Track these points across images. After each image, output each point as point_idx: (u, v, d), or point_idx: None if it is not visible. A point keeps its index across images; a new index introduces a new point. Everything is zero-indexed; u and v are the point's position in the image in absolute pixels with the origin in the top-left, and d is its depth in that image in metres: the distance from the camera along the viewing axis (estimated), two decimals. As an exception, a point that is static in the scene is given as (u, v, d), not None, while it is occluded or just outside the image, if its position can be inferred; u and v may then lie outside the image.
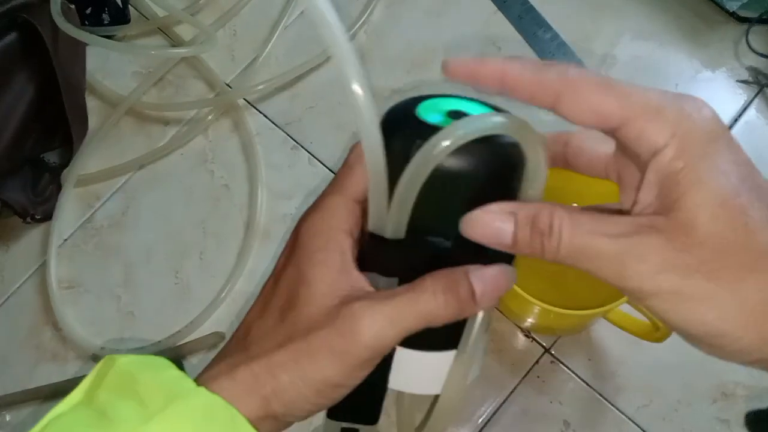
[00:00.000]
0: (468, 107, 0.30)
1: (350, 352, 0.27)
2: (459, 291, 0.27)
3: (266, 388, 0.27)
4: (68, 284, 0.63)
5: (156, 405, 0.26)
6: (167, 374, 0.28)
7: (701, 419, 0.55)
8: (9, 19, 0.59)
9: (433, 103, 0.30)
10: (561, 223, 0.25)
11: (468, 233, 0.26)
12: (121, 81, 0.69)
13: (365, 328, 0.26)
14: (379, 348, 0.27)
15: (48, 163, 0.65)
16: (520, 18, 0.67)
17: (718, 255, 0.23)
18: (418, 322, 0.27)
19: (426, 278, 0.27)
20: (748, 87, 0.64)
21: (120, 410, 0.26)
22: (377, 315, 0.27)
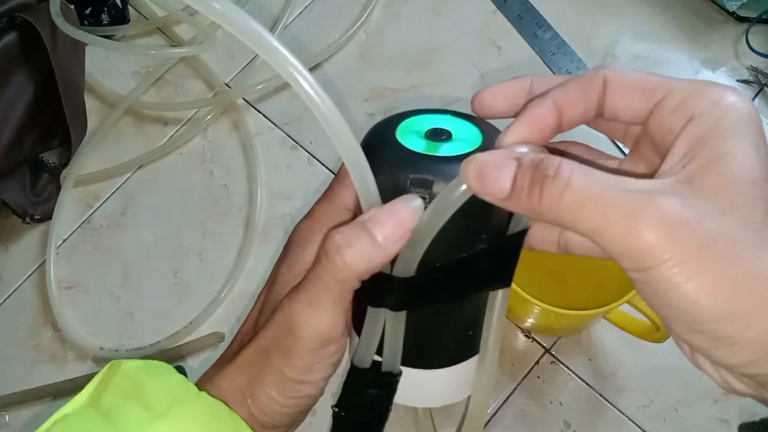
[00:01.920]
0: (446, 123, 0.29)
1: (293, 346, 0.27)
2: (361, 242, 0.25)
3: (244, 394, 0.28)
4: (67, 284, 0.62)
5: (160, 408, 0.26)
6: (171, 379, 0.28)
7: (701, 419, 0.55)
8: (8, 19, 0.59)
9: (410, 125, 0.29)
10: (571, 169, 0.22)
11: (463, 177, 0.24)
12: (120, 81, 0.69)
13: (297, 319, 0.26)
14: (320, 335, 0.27)
15: (47, 163, 0.65)
16: (520, 18, 0.67)
17: (740, 230, 0.21)
18: (336, 292, 0.26)
19: (322, 246, 0.26)
20: (748, 87, 0.64)
21: (125, 413, 0.27)
22: (296, 304, 0.27)
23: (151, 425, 0.26)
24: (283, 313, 0.27)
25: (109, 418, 0.27)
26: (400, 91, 0.66)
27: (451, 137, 0.28)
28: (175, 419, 0.26)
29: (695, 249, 0.21)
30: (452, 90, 0.65)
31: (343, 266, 0.25)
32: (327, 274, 0.26)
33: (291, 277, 0.29)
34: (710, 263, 0.21)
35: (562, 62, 0.65)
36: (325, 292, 0.26)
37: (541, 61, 0.66)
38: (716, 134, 0.22)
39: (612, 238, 0.21)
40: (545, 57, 0.66)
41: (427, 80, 0.66)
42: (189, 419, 0.26)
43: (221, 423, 0.27)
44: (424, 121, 0.29)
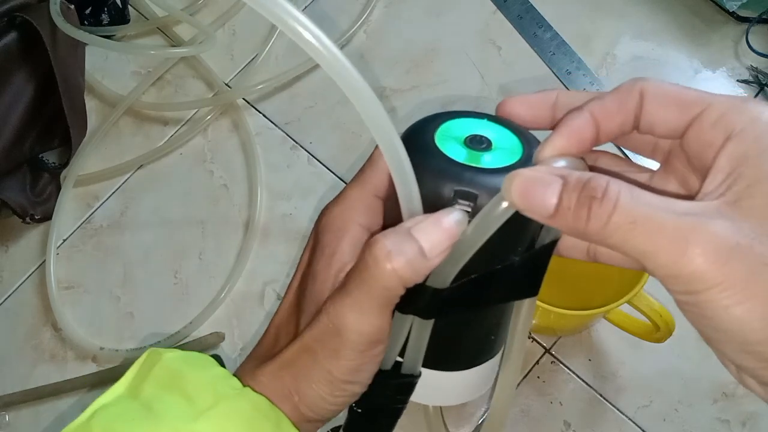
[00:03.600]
0: (484, 129, 0.29)
1: (340, 348, 0.27)
2: (404, 251, 0.25)
3: (290, 391, 0.28)
4: (67, 284, 0.62)
5: (203, 403, 0.26)
6: (213, 372, 0.28)
7: (701, 419, 0.55)
8: (8, 19, 0.59)
9: (448, 130, 0.29)
10: (619, 189, 0.21)
11: (507, 193, 0.23)
12: (120, 81, 0.69)
13: (344, 323, 0.26)
14: (367, 338, 0.27)
15: (47, 163, 0.65)
16: (520, 18, 0.67)
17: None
18: (381, 299, 0.26)
19: (364, 253, 0.26)
20: (748, 86, 0.64)
21: (167, 405, 0.26)
22: (343, 309, 0.26)
23: (195, 421, 0.26)
24: (328, 316, 0.27)
25: (150, 410, 0.27)
26: (400, 91, 0.66)
27: (491, 146, 0.28)
28: (219, 415, 0.26)
29: (746, 273, 0.20)
30: (452, 90, 0.65)
31: (392, 274, 0.25)
32: (375, 281, 0.25)
33: (331, 271, 0.28)
34: (761, 287, 0.20)
35: (562, 62, 0.65)
36: (373, 298, 0.26)
37: (541, 61, 0.66)
38: (759, 152, 0.22)
39: (661, 262, 0.21)
40: (545, 57, 0.66)
41: (427, 80, 0.66)
42: (233, 415, 0.26)
43: (264, 419, 0.27)
44: (461, 126, 0.29)
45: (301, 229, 0.62)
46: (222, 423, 0.26)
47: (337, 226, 0.29)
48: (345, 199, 0.29)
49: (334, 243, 0.28)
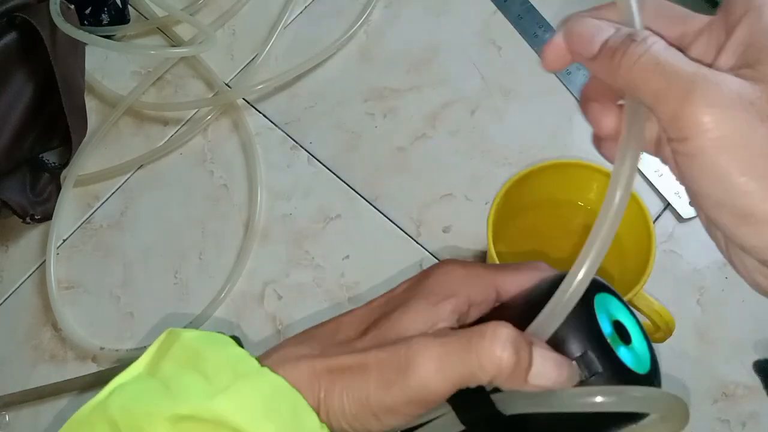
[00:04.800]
0: (624, 316, 0.29)
1: (395, 383, 0.26)
2: (519, 353, 0.25)
3: (319, 388, 0.27)
4: (67, 284, 0.62)
5: (222, 381, 0.26)
6: (232, 352, 0.28)
7: (702, 419, 0.55)
8: (8, 19, 0.59)
9: (605, 302, 0.29)
10: (656, 39, 0.23)
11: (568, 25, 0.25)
12: (120, 81, 0.69)
13: (418, 366, 0.26)
14: (425, 393, 0.26)
15: (47, 163, 0.65)
16: (520, 18, 0.67)
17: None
18: (466, 371, 0.26)
19: (487, 326, 0.26)
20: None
21: (185, 383, 0.26)
22: (427, 353, 0.26)
23: (212, 398, 0.26)
24: (409, 349, 0.26)
25: (168, 387, 0.27)
26: (400, 91, 0.66)
27: (630, 342, 0.28)
28: (236, 393, 0.26)
29: (741, 125, 0.21)
30: (452, 90, 0.65)
31: (495, 358, 0.25)
32: (475, 353, 0.25)
33: (424, 317, 0.28)
34: (753, 140, 0.21)
35: (562, 62, 0.65)
36: (461, 365, 0.26)
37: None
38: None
39: (668, 104, 0.22)
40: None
41: (427, 80, 0.66)
42: (251, 394, 0.26)
43: (282, 399, 0.27)
44: (613, 305, 0.29)
45: (301, 229, 0.62)
46: (239, 401, 0.26)
47: (452, 286, 0.29)
48: (472, 269, 0.29)
49: (442, 298, 0.28)
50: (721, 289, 0.57)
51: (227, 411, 0.26)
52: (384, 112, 0.65)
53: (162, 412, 0.26)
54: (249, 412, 0.26)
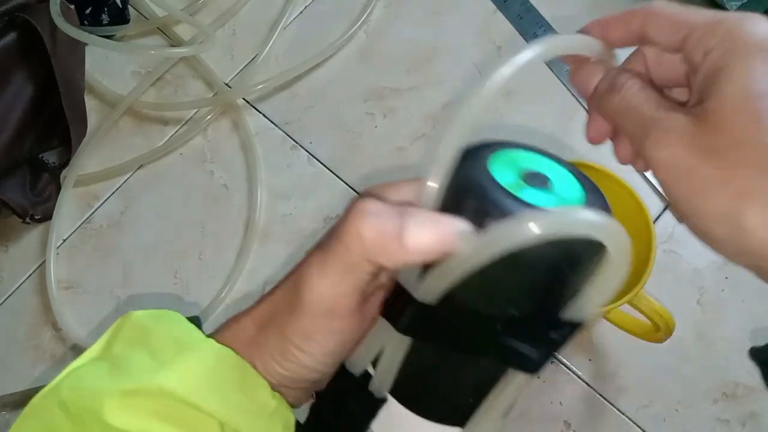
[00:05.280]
0: (544, 167, 0.27)
1: (296, 305, 0.26)
2: (381, 220, 0.24)
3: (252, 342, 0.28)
4: (67, 284, 0.62)
5: (166, 355, 0.26)
6: (179, 326, 0.28)
7: (702, 419, 0.55)
8: (8, 19, 0.59)
9: (506, 158, 0.27)
10: (632, 84, 0.28)
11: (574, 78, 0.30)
12: (120, 81, 0.69)
13: (305, 280, 0.26)
14: (322, 303, 0.26)
15: (47, 163, 0.65)
16: (520, 18, 0.67)
17: (731, 146, 0.24)
18: (343, 261, 0.25)
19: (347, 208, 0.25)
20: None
21: (132, 361, 0.27)
22: (311, 266, 0.26)
23: (157, 372, 0.26)
24: (298, 272, 0.27)
25: (116, 367, 0.27)
26: (400, 91, 0.66)
27: (548, 186, 0.26)
28: (181, 365, 0.26)
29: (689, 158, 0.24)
30: (452, 90, 0.65)
31: (357, 237, 0.24)
32: (341, 240, 0.25)
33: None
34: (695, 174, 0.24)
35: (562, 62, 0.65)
36: (336, 260, 0.25)
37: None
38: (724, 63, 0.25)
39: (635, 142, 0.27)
40: (545, 57, 0.66)
41: (427, 80, 0.66)
42: (195, 365, 0.26)
43: (228, 368, 0.27)
44: (520, 159, 0.27)
45: (302, 229, 0.62)
46: (184, 372, 0.26)
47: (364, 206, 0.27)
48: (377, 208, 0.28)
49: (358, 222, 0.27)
50: (721, 289, 0.57)
51: (171, 383, 0.26)
52: (384, 112, 0.65)
53: (108, 389, 0.26)
54: (193, 382, 0.26)
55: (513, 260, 0.23)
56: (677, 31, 0.27)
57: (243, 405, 0.27)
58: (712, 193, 0.24)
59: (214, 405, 0.26)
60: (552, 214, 0.23)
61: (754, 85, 0.24)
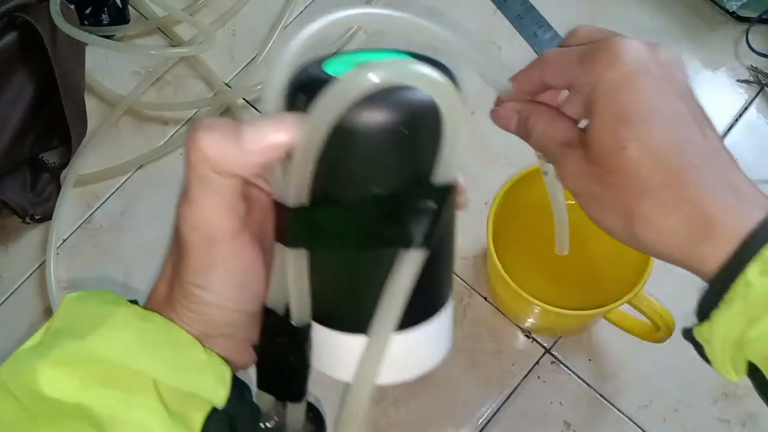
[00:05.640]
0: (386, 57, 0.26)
1: (181, 245, 0.27)
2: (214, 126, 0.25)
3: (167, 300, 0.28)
4: (67, 284, 0.62)
5: (92, 324, 0.26)
6: (104, 299, 0.28)
7: (702, 420, 0.55)
8: (8, 19, 0.59)
9: (345, 59, 0.27)
10: (538, 126, 0.32)
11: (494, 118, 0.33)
12: (120, 81, 0.69)
13: (179, 218, 0.27)
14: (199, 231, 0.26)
15: (47, 163, 0.65)
16: (520, 18, 0.67)
17: (608, 173, 0.28)
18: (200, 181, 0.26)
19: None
20: (748, 86, 0.64)
21: (61, 336, 0.27)
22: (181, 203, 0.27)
23: (84, 339, 0.26)
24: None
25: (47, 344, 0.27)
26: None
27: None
28: (106, 329, 0.26)
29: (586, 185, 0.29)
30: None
31: (198, 151, 0.24)
32: (188, 164, 0.25)
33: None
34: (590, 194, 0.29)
35: (562, 62, 0.65)
36: (193, 186, 0.26)
37: (541, 61, 0.66)
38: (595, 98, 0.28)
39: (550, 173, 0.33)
40: (545, 57, 0.66)
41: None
42: (120, 328, 0.26)
43: (153, 327, 0.27)
44: (358, 57, 0.27)
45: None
46: (110, 335, 0.26)
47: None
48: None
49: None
50: (721, 289, 0.57)
51: (99, 347, 0.26)
52: (384, 112, 0.65)
53: (39, 364, 0.26)
54: (120, 344, 0.26)
55: (354, 136, 0.24)
56: (564, 76, 0.30)
57: (173, 361, 0.27)
58: (610, 213, 0.29)
59: (144, 363, 0.26)
60: (374, 65, 0.23)
61: (617, 115, 0.27)
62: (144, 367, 0.26)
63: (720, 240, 0.26)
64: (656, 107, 0.27)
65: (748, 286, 0.26)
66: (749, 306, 0.26)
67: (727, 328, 0.27)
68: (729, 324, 0.27)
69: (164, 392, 0.26)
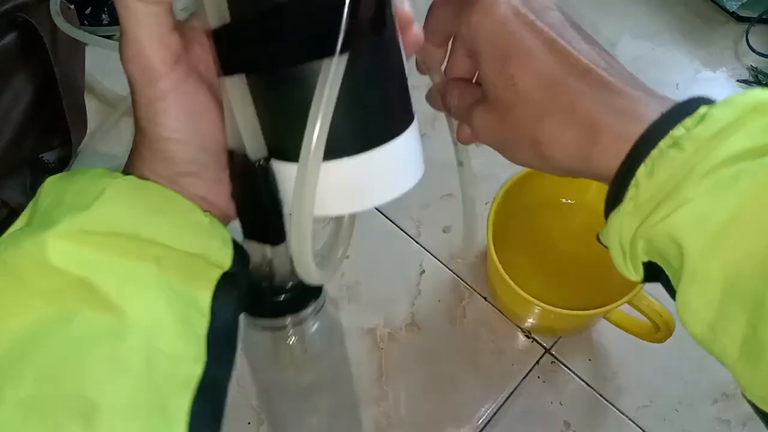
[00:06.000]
0: None
1: (131, 88, 0.28)
2: None
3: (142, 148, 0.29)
4: (67, 285, 0.62)
5: (92, 194, 0.26)
6: (95, 172, 0.28)
7: (702, 420, 0.55)
8: (8, 19, 0.59)
9: None
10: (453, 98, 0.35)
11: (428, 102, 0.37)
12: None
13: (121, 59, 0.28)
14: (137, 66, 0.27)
15: (47, 163, 0.65)
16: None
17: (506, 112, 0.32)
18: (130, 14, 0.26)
19: None
20: (748, 87, 0.64)
21: (59, 211, 0.26)
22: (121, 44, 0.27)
23: (89, 209, 0.25)
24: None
25: (46, 222, 0.26)
26: None
27: None
28: (108, 198, 0.26)
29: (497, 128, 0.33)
30: None
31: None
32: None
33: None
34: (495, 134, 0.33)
35: (562, 62, 0.65)
36: (126, 17, 0.26)
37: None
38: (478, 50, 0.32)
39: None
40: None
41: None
42: (120, 197, 0.26)
43: (154, 195, 0.27)
44: None
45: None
46: (114, 205, 0.26)
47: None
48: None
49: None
50: (721, 289, 0.57)
51: (107, 217, 0.26)
52: (384, 112, 0.65)
53: (47, 236, 0.25)
54: (127, 212, 0.26)
55: None
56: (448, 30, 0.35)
57: (179, 226, 0.27)
58: (520, 147, 0.32)
59: (153, 230, 0.26)
60: None
61: (500, 56, 0.30)
62: (154, 234, 0.26)
63: (607, 146, 0.28)
64: (531, 40, 0.30)
65: (637, 186, 0.27)
66: (638, 205, 0.27)
67: (620, 227, 0.28)
68: (622, 224, 0.28)
69: (170, 264, 0.26)
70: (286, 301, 0.33)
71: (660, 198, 0.26)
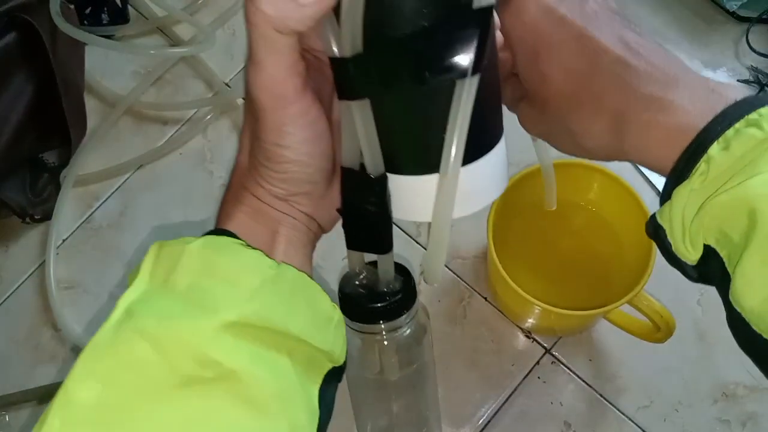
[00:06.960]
0: None
1: (255, 109, 0.28)
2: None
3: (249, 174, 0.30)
4: (67, 284, 0.62)
5: (250, 284, 0.27)
6: (246, 254, 0.29)
7: (702, 420, 0.55)
8: (8, 19, 0.59)
9: None
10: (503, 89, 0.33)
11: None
12: (119, 81, 0.69)
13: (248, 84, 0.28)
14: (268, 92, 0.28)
15: (47, 163, 0.65)
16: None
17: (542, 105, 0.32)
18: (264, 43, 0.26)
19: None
20: (748, 87, 0.64)
21: (212, 293, 0.27)
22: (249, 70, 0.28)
23: (249, 302, 0.27)
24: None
25: (196, 300, 0.27)
26: None
27: None
28: (266, 293, 0.27)
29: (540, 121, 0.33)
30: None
31: (259, 13, 0.26)
32: (250, 26, 0.26)
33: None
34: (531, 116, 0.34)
35: (562, 62, 0.65)
36: (258, 50, 0.27)
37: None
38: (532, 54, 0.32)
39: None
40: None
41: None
42: (278, 292, 0.28)
43: (300, 288, 0.29)
44: None
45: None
46: (270, 300, 0.27)
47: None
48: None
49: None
50: (721, 289, 0.57)
51: (265, 312, 0.27)
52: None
53: (205, 324, 0.26)
54: (282, 309, 0.28)
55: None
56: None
57: (318, 322, 0.29)
58: (562, 138, 0.32)
59: (299, 327, 0.28)
60: None
61: (531, 55, 0.31)
62: (299, 330, 0.28)
63: (637, 134, 0.29)
64: (560, 36, 0.30)
65: (709, 162, 0.27)
66: (708, 181, 0.27)
67: (686, 203, 0.28)
68: (688, 199, 0.28)
69: (299, 357, 0.28)
70: (383, 308, 0.35)
71: (734, 172, 0.27)
